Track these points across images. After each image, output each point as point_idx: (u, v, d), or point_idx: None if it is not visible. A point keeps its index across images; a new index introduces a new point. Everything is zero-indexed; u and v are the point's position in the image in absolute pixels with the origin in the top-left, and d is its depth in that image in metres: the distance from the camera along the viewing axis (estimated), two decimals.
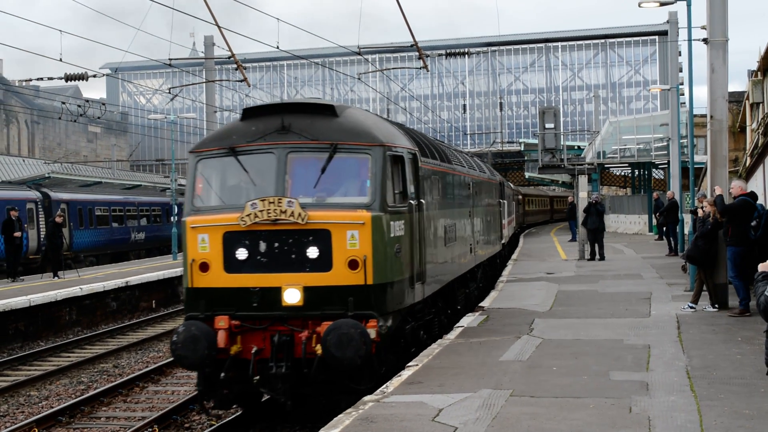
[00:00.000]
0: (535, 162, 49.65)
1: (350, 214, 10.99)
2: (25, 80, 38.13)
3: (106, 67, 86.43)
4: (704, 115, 25.89)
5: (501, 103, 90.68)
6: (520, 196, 56.89)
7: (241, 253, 11.10)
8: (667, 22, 49.51)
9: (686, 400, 9.38)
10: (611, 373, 10.90)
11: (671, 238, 30.48)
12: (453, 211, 16.34)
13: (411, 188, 12.30)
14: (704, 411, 8.83)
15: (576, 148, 56.32)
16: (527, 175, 72.24)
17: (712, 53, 17.06)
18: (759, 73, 33.92)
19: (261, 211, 10.89)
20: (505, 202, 30.73)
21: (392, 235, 11.33)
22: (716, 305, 16.21)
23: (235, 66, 21.81)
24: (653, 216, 39.16)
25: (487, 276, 24.05)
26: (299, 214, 10.81)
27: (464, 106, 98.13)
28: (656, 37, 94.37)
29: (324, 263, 10.93)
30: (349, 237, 10.87)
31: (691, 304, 16.51)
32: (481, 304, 18.69)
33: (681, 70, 62.86)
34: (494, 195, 25.69)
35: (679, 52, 63.80)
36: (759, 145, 28.75)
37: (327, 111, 11.89)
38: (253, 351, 10.90)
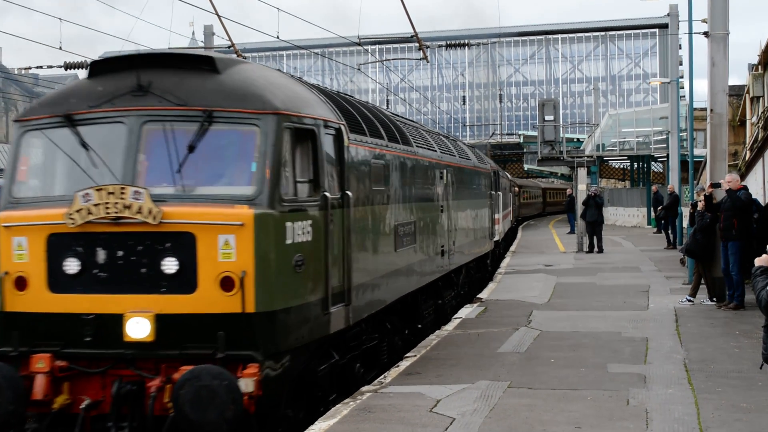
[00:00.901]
0: (535, 154, 49.72)
1: (223, 212, 7.87)
2: (25, 68, 38.08)
3: (105, 55, 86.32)
4: (704, 109, 25.90)
5: (500, 95, 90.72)
6: (516, 188, 54.86)
7: (71, 265, 7.99)
8: (668, 15, 49.73)
9: (684, 393, 9.40)
10: (609, 366, 10.90)
11: (669, 232, 30.51)
12: (412, 207, 13.05)
13: (329, 176, 9.15)
14: (702, 404, 8.84)
15: (575, 140, 56.32)
16: (526, 167, 72.29)
17: (712, 47, 17.07)
18: (759, 66, 33.88)
19: (97, 205, 7.84)
20: (500, 194, 27.87)
21: (291, 241, 8.23)
22: (714, 299, 16.22)
23: (234, 55, 21.75)
24: (652, 209, 39.17)
25: (473, 280, 21.29)
26: (150, 211, 7.75)
27: (464, 97, 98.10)
28: (656, 30, 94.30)
29: (185, 281, 7.81)
30: (221, 244, 7.80)
31: (689, 298, 16.53)
32: (480, 296, 18.71)
33: (681, 63, 62.90)
34: (484, 186, 22.67)
35: (680, 45, 63.88)
36: (759, 138, 28.73)
37: (204, 65, 8.64)
38: (83, 405, 7.90)
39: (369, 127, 11.09)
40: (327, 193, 8.96)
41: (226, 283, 7.79)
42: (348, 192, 9.58)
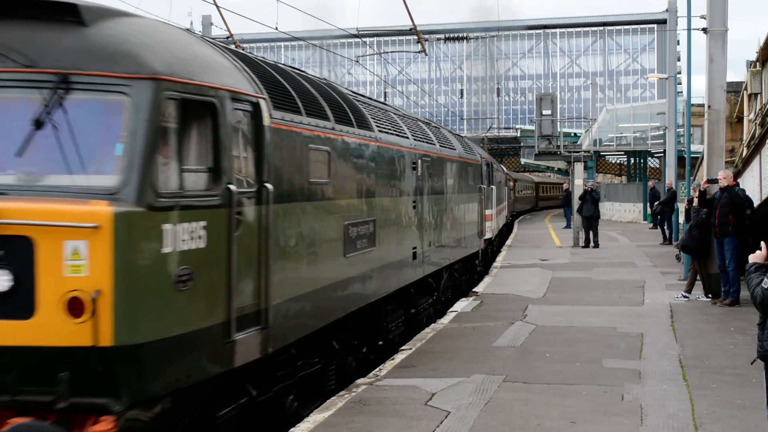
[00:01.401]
0: (532, 148, 49.72)
1: (72, 209, 5.95)
2: None
3: None
4: (701, 105, 25.92)
5: (498, 89, 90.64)
6: (512, 182, 52.61)
7: None
8: (667, 10, 49.69)
9: (678, 388, 9.42)
10: (604, 361, 10.92)
11: (665, 227, 30.53)
12: (371, 203, 11.02)
13: (238, 164, 7.16)
14: (696, 400, 8.87)
15: (572, 135, 56.39)
16: (523, 161, 72.29)
17: (711, 43, 17.05)
18: (757, 63, 33.88)
19: None
20: (493, 188, 25.79)
21: (171, 249, 6.26)
22: (710, 295, 16.25)
23: (233, 46, 21.71)
24: (648, 205, 39.20)
25: (458, 283, 19.31)
26: None
27: (461, 91, 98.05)
28: (655, 25, 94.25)
29: (20, 303, 5.89)
30: (69, 253, 5.88)
31: (684, 294, 16.55)
32: (475, 290, 18.72)
33: (679, 59, 62.97)
34: (472, 179, 20.23)
35: (678, 41, 63.91)
36: (756, 135, 28.75)
37: (67, 15, 6.52)
38: None
39: (308, 105, 9.00)
40: (232, 186, 6.90)
41: (74, 306, 5.81)
42: (268, 185, 7.50)
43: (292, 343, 8.49)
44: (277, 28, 22.30)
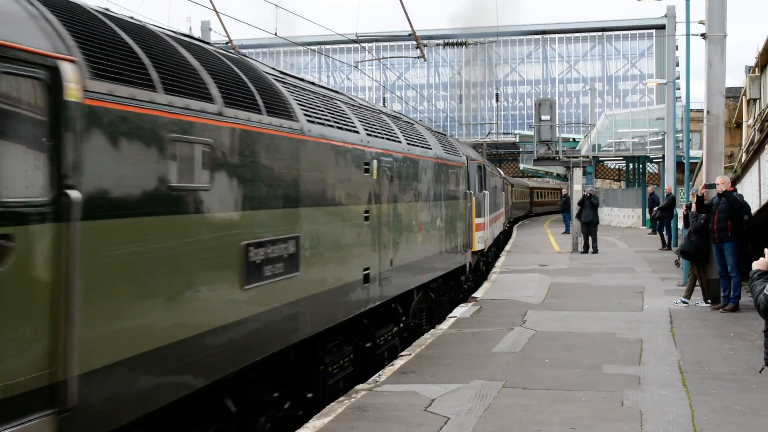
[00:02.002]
0: (530, 154, 49.69)
1: None
2: None
3: None
4: (700, 110, 25.94)
5: (497, 94, 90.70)
6: (511, 186, 50.62)
7: None
8: (665, 16, 49.64)
9: (678, 394, 9.40)
10: (603, 367, 10.91)
11: (664, 233, 30.53)
12: (291, 214, 8.50)
13: (14, 161, 4.86)
14: (696, 406, 8.85)
15: (571, 140, 56.32)
16: (522, 166, 72.26)
17: (710, 48, 17.06)
18: (756, 69, 33.92)
19: None
20: (486, 193, 23.57)
21: None
22: (709, 300, 16.24)
23: (231, 49, 21.71)
24: (647, 210, 39.21)
25: (437, 304, 16.60)
26: None
27: (460, 96, 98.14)
28: (653, 30, 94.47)
29: None
30: None
31: (683, 299, 16.54)
32: (474, 295, 18.71)
33: (678, 65, 62.97)
34: (453, 183, 17.32)
35: (676, 47, 63.95)
36: (755, 141, 28.78)
37: None
38: None
39: (170, 77, 6.51)
40: None
41: None
42: (72, 192, 5.14)
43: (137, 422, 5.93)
44: (276, 34, 22.31)
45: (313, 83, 11.26)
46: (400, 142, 12.99)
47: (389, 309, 13.05)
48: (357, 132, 10.86)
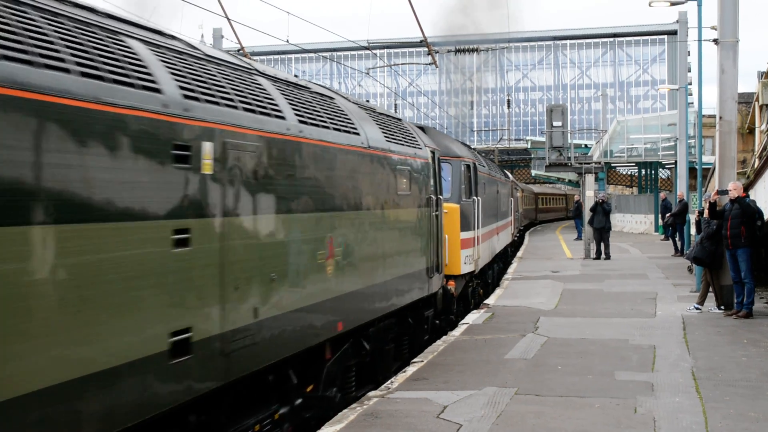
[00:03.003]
0: (542, 160, 49.62)
1: None
2: None
3: None
4: (712, 116, 25.88)
5: (508, 101, 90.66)
6: (521, 192, 47.10)
7: None
8: (677, 21, 49.64)
9: (692, 401, 9.36)
10: (616, 373, 10.88)
11: (677, 239, 30.45)
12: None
13: None
14: (709, 413, 8.81)
15: (583, 146, 56.23)
16: (534, 172, 72.19)
17: (722, 54, 17.02)
18: None
19: None
20: (477, 199, 18.85)
21: None
22: (722, 307, 16.18)
23: (242, 56, 21.77)
24: (659, 216, 39.13)
25: (385, 354, 12.48)
26: None
27: (471, 102, 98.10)
28: (665, 36, 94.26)
29: None
30: None
31: (696, 305, 16.49)
32: (486, 302, 18.68)
33: (690, 70, 62.89)
34: (407, 185, 12.64)
35: (688, 52, 63.88)
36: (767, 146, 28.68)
37: None
38: None
39: None
40: None
41: None
42: None
43: None
44: (287, 41, 22.35)
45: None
46: (283, 117, 8.47)
47: (265, 383, 8.35)
48: (155, 89, 6.30)
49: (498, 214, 25.42)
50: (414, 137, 13.71)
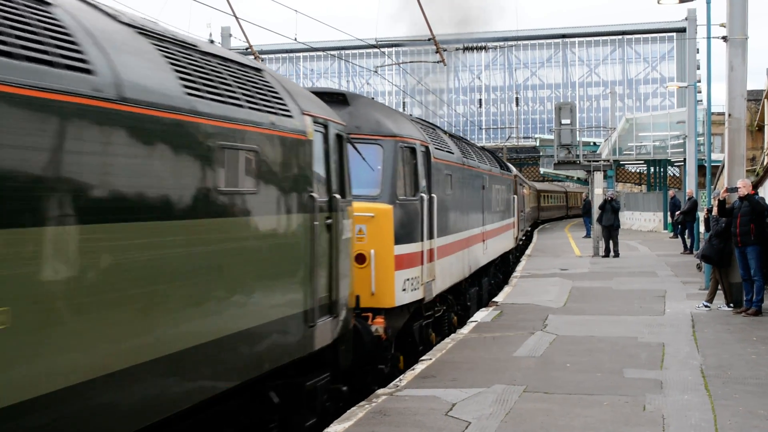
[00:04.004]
0: (551, 158, 49.63)
1: None
2: None
3: None
4: (721, 113, 25.83)
5: (517, 98, 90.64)
6: (527, 189, 43.22)
7: None
8: (686, 19, 49.57)
9: (701, 399, 9.35)
10: (625, 371, 10.86)
11: (686, 236, 30.41)
12: None
13: None
14: (719, 410, 8.80)
15: (592, 144, 56.22)
16: (542, 170, 72.15)
17: (731, 51, 16.98)
18: None
19: None
20: (422, 199, 12.93)
21: None
22: (731, 304, 16.15)
23: (252, 57, 21.79)
24: (668, 214, 39.08)
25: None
26: None
27: (480, 100, 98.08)
28: (674, 34, 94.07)
29: None
30: None
31: (705, 303, 16.46)
32: (495, 300, 18.67)
33: (698, 68, 62.75)
34: (253, 179, 7.47)
35: (697, 50, 63.74)
36: None
37: None
38: None
39: None
40: None
41: None
42: None
43: None
44: (296, 39, 22.37)
45: None
46: None
47: None
48: None
49: (487, 216, 20.26)
50: (276, 97, 8.30)
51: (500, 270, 24.62)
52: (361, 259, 11.26)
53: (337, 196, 9.31)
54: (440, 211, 14.04)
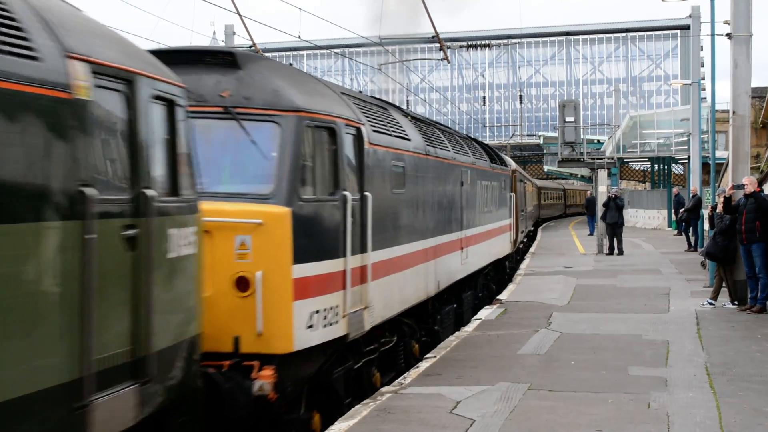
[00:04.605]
0: (555, 155, 49.56)
1: None
2: None
3: None
4: (726, 111, 25.79)
5: (521, 96, 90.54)
6: (532, 187, 42.59)
7: None
8: (690, 16, 49.50)
9: (705, 396, 9.34)
10: (630, 368, 10.86)
11: (690, 234, 30.38)
12: None
13: None
14: (723, 408, 8.79)
15: (596, 141, 56.10)
16: (546, 168, 72.08)
17: (735, 48, 16.97)
18: None
19: None
20: (345, 200, 9.36)
21: None
22: (736, 302, 16.13)
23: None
24: (673, 211, 39.05)
25: None
26: None
27: (484, 98, 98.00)
28: (678, 31, 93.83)
29: None
30: None
31: (710, 301, 16.45)
32: (499, 297, 18.66)
33: (702, 65, 62.59)
34: None
35: (701, 47, 63.61)
36: None
37: None
38: None
39: None
40: None
41: None
42: None
43: None
44: (299, 37, 22.36)
45: None
46: None
47: None
48: None
49: (468, 218, 16.88)
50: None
51: (494, 279, 22.06)
52: (243, 284, 8.09)
53: (151, 192, 6.16)
54: (381, 214, 10.67)
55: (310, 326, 8.55)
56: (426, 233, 13.27)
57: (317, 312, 8.67)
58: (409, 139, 12.47)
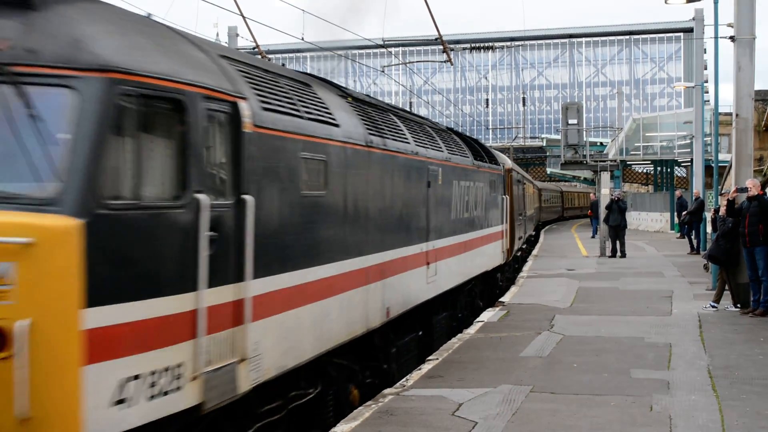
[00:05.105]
0: (558, 158, 49.59)
1: None
2: None
3: None
4: (729, 113, 25.78)
5: (524, 98, 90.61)
6: (535, 189, 41.81)
7: None
8: (693, 19, 49.40)
9: (708, 399, 9.33)
10: (632, 371, 10.85)
11: (693, 237, 30.37)
12: None
13: None
14: (726, 411, 8.78)
15: (599, 144, 56.15)
16: (549, 170, 72.09)
17: (738, 51, 16.96)
18: None
19: None
20: (199, 204, 6.33)
21: None
22: (738, 305, 16.12)
23: (259, 57, 21.77)
24: (675, 214, 39.05)
25: None
26: None
27: (487, 100, 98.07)
28: (681, 34, 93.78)
29: None
30: None
31: (713, 303, 16.43)
32: (502, 300, 18.64)
33: (706, 68, 62.65)
34: None
35: (704, 50, 63.61)
36: None
37: None
38: None
39: None
40: None
41: None
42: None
43: None
44: (303, 39, 22.37)
45: None
46: None
47: None
48: None
49: (438, 226, 14.00)
50: None
51: (481, 296, 19.29)
52: None
53: None
54: (281, 225, 7.87)
55: (121, 401, 5.59)
56: (366, 248, 10.28)
57: (136, 378, 5.72)
58: (336, 125, 9.45)
